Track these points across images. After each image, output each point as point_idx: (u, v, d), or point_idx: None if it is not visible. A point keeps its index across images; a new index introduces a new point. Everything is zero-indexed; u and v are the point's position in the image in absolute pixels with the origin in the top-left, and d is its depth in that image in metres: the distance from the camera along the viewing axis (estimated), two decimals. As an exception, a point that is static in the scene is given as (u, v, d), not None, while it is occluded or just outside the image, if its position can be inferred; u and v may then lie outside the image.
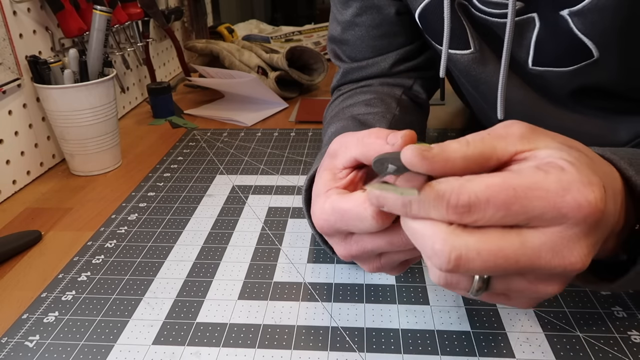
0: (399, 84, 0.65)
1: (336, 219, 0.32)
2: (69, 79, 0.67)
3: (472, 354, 0.38)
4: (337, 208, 0.32)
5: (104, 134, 0.70)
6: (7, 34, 0.65)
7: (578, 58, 0.48)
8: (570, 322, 0.40)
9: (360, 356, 0.38)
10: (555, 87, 0.53)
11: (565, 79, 0.51)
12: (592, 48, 0.46)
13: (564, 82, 0.51)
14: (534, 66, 0.51)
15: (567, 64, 0.49)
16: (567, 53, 0.48)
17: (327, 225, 0.33)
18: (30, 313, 0.44)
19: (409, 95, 0.64)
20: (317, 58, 1.04)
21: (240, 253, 0.51)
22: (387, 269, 0.35)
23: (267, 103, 0.95)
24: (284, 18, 3.38)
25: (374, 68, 0.65)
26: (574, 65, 0.49)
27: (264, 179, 0.66)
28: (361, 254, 0.34)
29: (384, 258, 0.35)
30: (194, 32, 1.31)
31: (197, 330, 0.41)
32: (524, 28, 0.50)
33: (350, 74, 0.67)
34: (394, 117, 0.56)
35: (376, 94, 0.60)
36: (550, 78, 0.52)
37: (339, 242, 0.35)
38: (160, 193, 0.64)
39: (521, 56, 0.52)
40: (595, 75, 0.49)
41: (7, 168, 0.65)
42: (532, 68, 0.51)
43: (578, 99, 0.54)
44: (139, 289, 0.46)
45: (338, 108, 0.61)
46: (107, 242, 0.54)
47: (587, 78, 0.50)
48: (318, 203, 0.34)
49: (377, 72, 0.65)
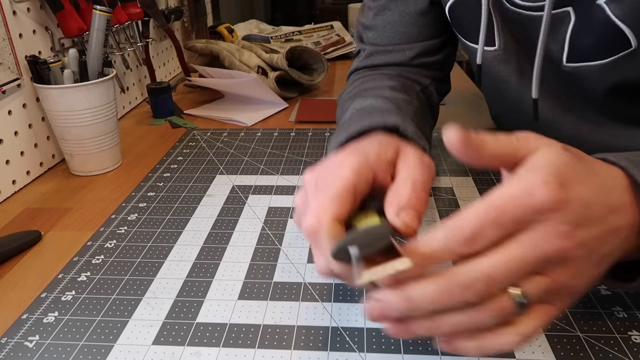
0: (418, 81, 0.64)
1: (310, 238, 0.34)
2: (69, 79, 0.67)
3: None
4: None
5: (104, 134, 0.70)
6: (7, 34, 0.65)
7: (615, 48, 0.47)
8: (571, 322, 0.40)
9: (360, 356, 0.38)
10: (590, 85, 0.52)
11: (601, 73, 0.50)
12: (630, 36, 0.46)
13: (599, 79, 0.50)
14: (568, 62, 0.51)
15: (603, 56, 0.48)
16: (603, 44, 0.47)
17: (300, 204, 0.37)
18: (30, 313, 0.44)
19: (425, 93, 0.64)
20: (317, 58, 1.04)
21: (240, 253, 0.51)
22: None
23: (267, 103, 0.95)
24: (284, 18, 3.38)
25: (399, 55, 0.65)
26: (610, 56, 0.48)
27: (264, 179, 0.66)
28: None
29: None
30: (194, 32, 1.31)
31: (197, 330, 0.41)
32: (558, 23, 0.49)
33: (374, 56, 0.67)
34: (416, 108, 0.55)
35: (400, 82, 0.60)
36: (584, 75, 0.51)
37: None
38: (160, 193, 0.64)
39: (554, 52, 0.51)
40: (632, 68, 0.48)
41: (7, 168, 0.65)
42: (567, 65, 0.51)
43: (614, 102, 0.52)
44: (138, 289, 0.46)
45: (359, 88, 0.60)
46: (107, 242, 0.54)
47: (624, 72, 0.49)
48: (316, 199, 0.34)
49: (400, 60, 0.65)
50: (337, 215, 0.33)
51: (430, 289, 0.28)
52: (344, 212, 0.33)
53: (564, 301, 0.31)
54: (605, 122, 0.56)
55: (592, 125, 0.57)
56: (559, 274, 0.29)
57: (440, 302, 0.28)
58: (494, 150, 0.30)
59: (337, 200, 0.33)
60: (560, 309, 0.31)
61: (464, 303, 0.28)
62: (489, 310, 0.28)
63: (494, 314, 0.28)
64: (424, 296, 0.28)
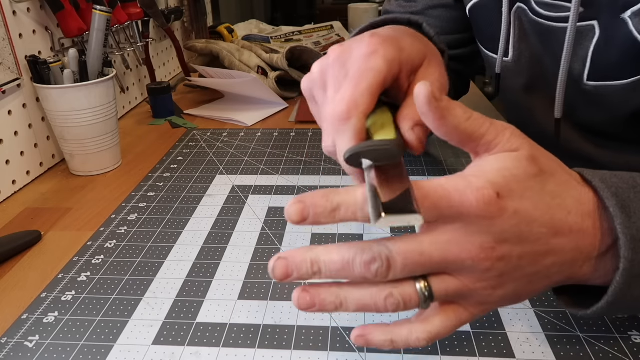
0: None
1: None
2: (69, 79, 0.67)
3: (472, 354, 0.38)
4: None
5: (104, 134, 0.70)
6: (7, 34, 0.65)
7: (639, 68, 0.44)
8: (570, 322, 0.40)
9: (360, 356, 0.38)
10: (612, 106, 0.49)
11: (623, 95, 0.46)
12: None
13: (622, 100, 0.47)
14: (589, 81, 0.48)
15: (626, 75, 0.45)
16: (627, 62, 0.45)
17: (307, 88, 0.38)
18: (30, 313, 0.44)
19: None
20: (317, 58, 1.03)
21: (240, 253, 0.51)
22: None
23: (267, 103, 0.95)
24: (284, 18, 3.38)
25: None
26: (634, 76, 0.45)
27: (264, 179, 0.66)
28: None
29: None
30: (194, 32, 1.31)
31: (197, 330, 0.41)
32: (581, 37, 0.47)
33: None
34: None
35: None
36: (606, 96, 0.48)
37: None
38: (160, 193, 0.64)
39: (576, 69, 0.48)
40: None
41: (7, 168, 0.65)
42: (587, 83, 0.48)
43: (637, 127, 0.49)
44: (138, 289, 0.46)
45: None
46: (107, 242, 0.54)
47: None
48: (348, 86, 0.34)
49: None
50: (367, 110, 0.33)
51: (334, 256, 0.28)
52: (372, 107, 0.34)
53: (479, 308, 0.30)
54: (626, 148, 0.52)
55: (611, 151, 0.53)
56: (471, 281, 0.28)
57: (342, 272, 0.28)
58: (457, 122, 0.29)
59: (370, 94, 0.33)
60: (474, 314, 0.30)
61: (363, 279, 0.28)
62: (391, 293, 0.28)
63: (397, 300, 0.28)
64: (328, 262, 0.28)
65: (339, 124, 0.33)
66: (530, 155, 0.29)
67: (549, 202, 0.29)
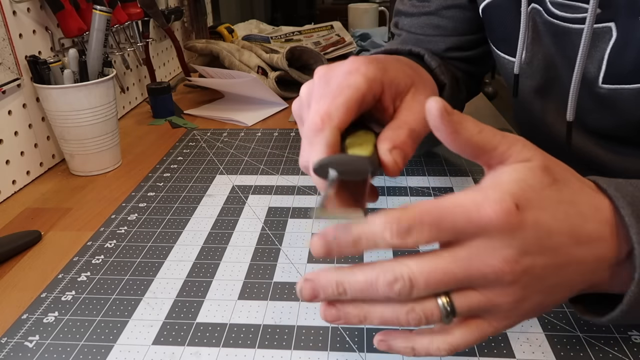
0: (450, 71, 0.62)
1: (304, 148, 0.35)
2: (69, 79, 0.67)
3: (472, 354, 0.38)
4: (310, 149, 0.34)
5: (104, 134, 0.70)
6: (7, 34, 0.65)
7: None
8: (571, 322, 0.40)
9: (360, 356, 0.38)
10: (627, 111, 0.48)
11: (638, 99, 0.46)
12: None
13: (636, 105, 0.46)
14: (604, 84, 0.47)
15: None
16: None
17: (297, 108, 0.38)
18: (30, 313, 0.44)
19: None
20: (317, 58, 1.04)
21: (240, 253, 0.51)
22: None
23: (267, 103, 0.95)
24: (284, 18, 3.38)
25: (431, 45, 0.63)
26: None
27: (264, 179, 0.66)
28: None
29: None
30: (194, 32, 1.31)
31: (197, 330, 0.41)
32: (597, 39, 0.46)
33: (406, 43, 0.65)
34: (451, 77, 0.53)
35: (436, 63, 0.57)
36: (620, 99, 0.47)
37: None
38: (160, 193, 0.64)
39: (590, 71, 0.48)
40: None
41: (7, 168, 0.65)
42: (602, 86, 0.47)
43: None
44: (138, 289, 0.46)
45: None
46: (107, 242, 0.54)
47: None
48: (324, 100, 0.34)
49: (432, 50, 0.63)
50: (341, 123, 0.33)
51: (359, 277, 0.29)
52: (347, 121, 0.34)
53: (502, 322, 0.30)
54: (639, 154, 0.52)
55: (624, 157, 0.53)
56: (495, 295, 0.28)
57: (366, 292, 0.29)
58: (470, 135, 0.29)
59: (345, 109, 0.34)
60: (498, 328, 0.30)
61: (386, 298, 0.28)
62: (413, 308, 0.28)
63: (419, 315, 0.28)
64: (353, 283, 0.29)
65: (312, 135, 0.33)
66: (543, 164, 0.29)
67: (566, 210, 0.29)
